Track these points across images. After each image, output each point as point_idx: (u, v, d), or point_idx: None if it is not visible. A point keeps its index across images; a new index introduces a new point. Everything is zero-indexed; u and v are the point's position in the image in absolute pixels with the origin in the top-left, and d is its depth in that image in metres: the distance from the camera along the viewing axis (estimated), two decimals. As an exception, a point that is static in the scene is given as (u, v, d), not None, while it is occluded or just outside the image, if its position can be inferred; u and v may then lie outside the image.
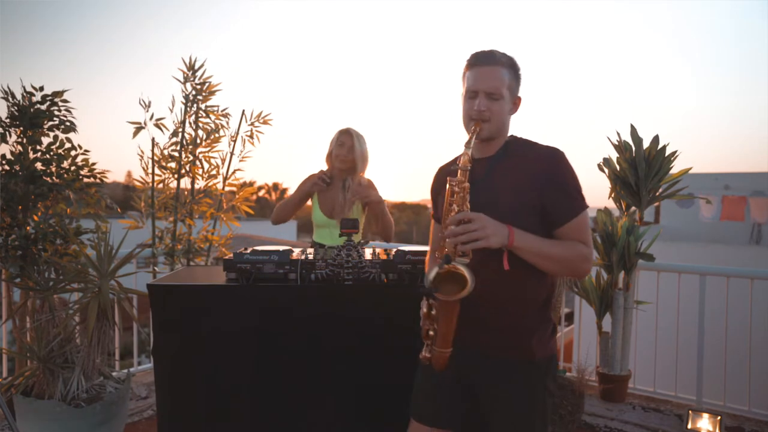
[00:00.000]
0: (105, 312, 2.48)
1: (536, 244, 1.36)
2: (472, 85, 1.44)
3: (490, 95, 1.42)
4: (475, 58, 1.46)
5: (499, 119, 1.45)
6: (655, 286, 3.46)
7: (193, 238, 3.62)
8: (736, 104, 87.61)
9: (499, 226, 1.33)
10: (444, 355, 1.37)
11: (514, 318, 1.45)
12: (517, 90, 1.49)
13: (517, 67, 1.48)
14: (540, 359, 1.47)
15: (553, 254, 1.37)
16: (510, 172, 1.44)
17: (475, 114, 1.43)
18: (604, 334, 3.37)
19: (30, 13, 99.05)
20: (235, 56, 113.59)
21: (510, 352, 1.46)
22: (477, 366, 1.49)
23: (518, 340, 1.45)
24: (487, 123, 1.43)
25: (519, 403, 1.46)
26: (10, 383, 2.52)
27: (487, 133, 1.45)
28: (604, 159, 3.42)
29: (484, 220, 1.31)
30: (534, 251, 1.36)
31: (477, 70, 1.44)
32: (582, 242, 1.41)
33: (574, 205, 1.40)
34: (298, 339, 2.05)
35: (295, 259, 2.05)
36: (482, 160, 1.50)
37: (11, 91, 2.63)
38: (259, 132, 3.73)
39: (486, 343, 1.47)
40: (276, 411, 2.07)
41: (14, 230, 2.57)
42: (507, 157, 1.47)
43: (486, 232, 1.29)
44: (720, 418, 2.81)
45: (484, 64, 1.44)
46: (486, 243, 1.29)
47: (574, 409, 2.78)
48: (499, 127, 1.46)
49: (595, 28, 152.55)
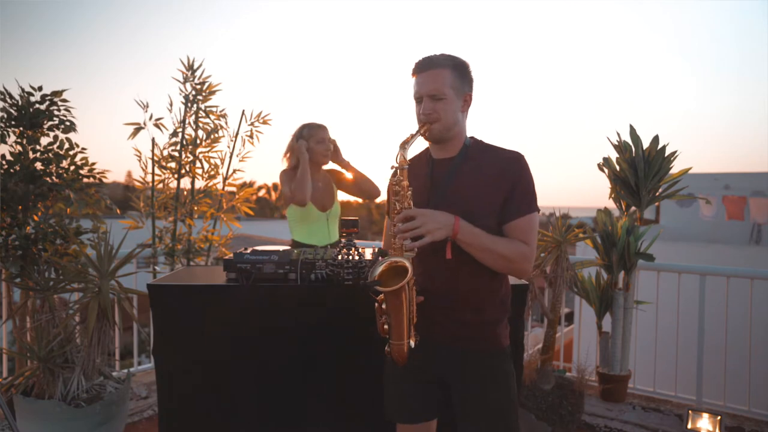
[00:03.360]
0: (105, 312, 2.48)
1: (480, 238, 1.42)
2: (416, 91, 1.52)
3: (434, 97, 1.48)
4: (416, 66, 1.52)
5: (448, 118, 1.50)
6: (655, 286, 3.46)
7: (193, 238, 3.62)
8: (736, 104, 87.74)
9: (443, 218, 1.39)
10: (401, 348, 1.42)
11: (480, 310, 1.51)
12: (465, 88, 1.53)
13: (461, 66, 1.52)
14: (507, 347, 1.56)
15: (495, 250, 1.43)
16: (473, 173, 1.50)
17: (423, 117, 1.49)
18: (604, 334, 3.37)
19: (30, 13, 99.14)
20: (235, 56, 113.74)
21: (479, 344, 1.52)
22: (446, 358, 1.54)
23: (486, 331, 1.52)
24: (437, 123, 1.49)
25: (494, 390, 1.51)
26: (10, 383, 2.52)
27: (437, 132, 1.50)
28: (603, 159, 3.42)
29: (428, 215, 1.37)
30: (477, 244, 1.42)
31: (419, 77, 1.51)
32: (524, 242, 1.47)
33: (524, 205, 1.47)
34: (298, 339, 2.05)
35: (295, 259, 2.05)
36: (444, 161, 1.55)
37: (8, 91, 2.63)
38: (258, 132, 3.74)
39: (454, 335, 1.52)
40: (276, 411, 2.07)
41: (14, 230, 2.57)
42: (470, 158, 1.53)
43: (428, 227, 1.35)
44: (720, 418, 2.81)
45: (424, 70, 1.50)
46: (431, 237, 1.36)
47: (574, 409, 2.78)
48: (449, 126, 1.51)
49: (595, 29, 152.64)
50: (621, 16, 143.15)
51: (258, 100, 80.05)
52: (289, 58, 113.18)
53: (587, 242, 3.36)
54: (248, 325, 2.04)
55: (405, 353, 1.42)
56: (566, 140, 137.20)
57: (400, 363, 1.44)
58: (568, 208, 3.34)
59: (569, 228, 3.08)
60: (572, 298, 3.96)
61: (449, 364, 1.54)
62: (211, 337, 2.04)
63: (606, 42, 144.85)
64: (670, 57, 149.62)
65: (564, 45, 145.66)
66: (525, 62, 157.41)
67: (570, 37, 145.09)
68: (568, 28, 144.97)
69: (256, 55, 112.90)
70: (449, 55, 1.52)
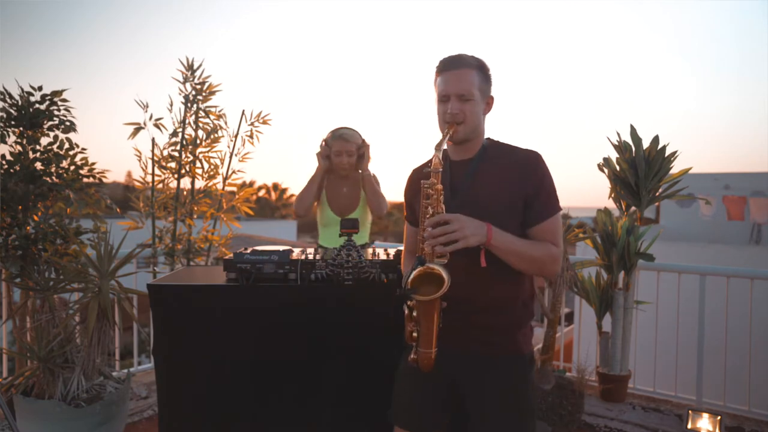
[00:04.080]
0: (105, 312, 2.48)
1: (512, 242, 1.40)
2: (443, 90, 1.48)
3: (462, 97, 1.46)
4: (443, 63, 1.50)
5: (473, 120, 1.48)
6: (655, 286, 3.47)
7: (193, 238, 3.62)
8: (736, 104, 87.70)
9: (477, 224, 1.36)
10: (429, 356, 1.39)
11: (500, 315, 1.48)
12: (488, 90, 1.53)
13: (486, 69, 1.51)
14: (528, 353, 1.53)
15: (527, 253, 1.42)
16: (492, 174, 1.48)
17: (449, 117, 1.46)
18: (604, 334, 3.37)
19: (30, 13, 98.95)
20: (235, 56, 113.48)
21: (498, 349, 1.49)
22: (464, 365, 1.51)
23: (506, 336, 1.49)
24: (462, 125, 1.47)
25: (512, 397, 1.49)
26: (10, 383, 2.52)
27: (462, 134, 1.48)
28: (604, 159, 3.42)
29: (462, 220, 1.34)
30: (510, 250, 1.40)
31: (447, 75, 1.48)
32: (553, 243, 1.45)
33: (549, 206, 1.46)
34: (298, 339, 2.04)
35: (295, 259, 2.05)
36: (463, 162, 1.53)
37: (8, 91, 2.63)
38: (258, 132, 3.74)
39: (474, 342, 1.49)
40: (276, 411, 2.07)
41: (14, 230, 2.57)
42: (488, 159, 1.51)
43: (464, 232, 1.32)
44: (720, 418, 2.81)
45: (452, 69, 1.47)
46: (465, 243, 1.32)
47: (574, 409, 2.79)
48: (474, 127, 1.49)
49: (595, 29, 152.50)
50: (621, 16, 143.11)
51: (258, 100, 79.87)
52: (289, 58, 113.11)
53: (587, 242, 3.36)
54: (248, 325, 2.04)
55: (432, 361, 1.39)
56: (566, 140, 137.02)
57: (427, 370, 1.41)
58: (568, 208, 3.35)
59: (569, 228, 3.08)
60: (572, 298, 3.97)
61: (464, 370, 1.51)
62: (211, 337, 2.04)
63: (606, 42, 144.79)
64: (670, 57, 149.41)
65: (564, 45, 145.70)
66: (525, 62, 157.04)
67: (570, 36, 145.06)
68: (568, 28, 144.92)
69: (256, 55, 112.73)
70: (474, 56, 1.50)
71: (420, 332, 1.38)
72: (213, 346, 2.04)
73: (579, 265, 3.34)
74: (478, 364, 1.50)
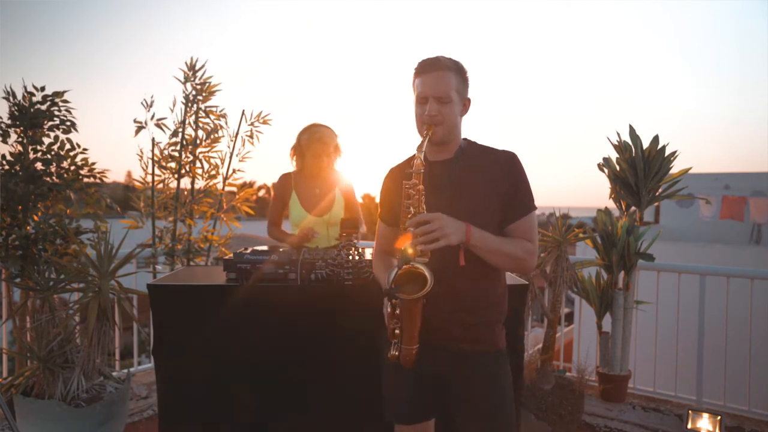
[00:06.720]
0: (105, 312, 2.48)
1: (490, 241, 1.44)
2: (421, 92, 1.50)
3: (440, 99, 1.48)
4: (421, 66, 1.52)
5: (451, 121, 1.51)
6: (655, 286, 3.46)
7: (193, 238, 3.62)
8: (736, 104, 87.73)
9: (457, 223, 1.39)
10: (411, 352, 1.43)
11: (479, 312, 1.52)
12: (466, 92, 1.55)
13: (463, 71, 1.53)
14: (503, 348, 1.58)
15: (505, 250, 1.46)
16: (470, 175, 1.52)
17: (427, 118, 1.48)
18: (604, 334, 3.37)
19: (30, 13, 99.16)
20: (235, 56, 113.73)
21: (478, 345, 1.53)
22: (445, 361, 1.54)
23: (484, 333, 1.54)
24: (440, 126, 1.49)
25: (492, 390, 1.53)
26: (10, 383, 2.52)
27: (440, 135, 1.50)
28: (603, 159, 3.42)
29: (443, 219, 1.37)
30: (488, 248, 1.44)
31: (425, 77, 1.50)
32: (529, 240, 1.50)
33: (525, 205, 1.51)
34: (298, 339, 2.05)
35: (295, 259, 2.05)
36: (441, 163, 1.56)
37: (13, 91, 2.63)
38: (258, 132, 3.74)
39: (454, 338, 1.52)
40: (276, 410, 2.07)
41: (14, 230, 2.57)
42: (465, 160, 1.54)
43: (445, 231, 1.35)
44: (720, 418, 2.81)
45: (431, 71, 1.49)
46: (446, 242, 1.36)
47: (574, 409, 2.79)
48: (451, 129, 1.52)
49: (595, 29, 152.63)
50: (621, 16, 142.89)
51: (258, 100, 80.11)
52: (289, 58, 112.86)
53: (587, 242, 3.36)
54: (248, 325, 2.04)
55: (414, 357, 1.44)
56: (566, 140, 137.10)
57: (409, 367, 1.45)
58: (568, 208, 3.35)
59: (569, 228, 3.08)
60: (572, 298, 3.96)
61: (448, 366, 1.54)
62: (210, 336, 2.04)
63: (606, 42, 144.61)
64: (670, 57, 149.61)
65: (564, 45, 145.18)
66: (525, 62, 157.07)
67: (570, 36, 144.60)
68: (568, 28, 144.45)
69: (256, 55, 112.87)
70: (451, 58, 1.53)
71: (403, 329, 1.42)
72: (213, 346, 2.04)
73: (579, 265, 3.34)
74: (458, 359, 1.53)
